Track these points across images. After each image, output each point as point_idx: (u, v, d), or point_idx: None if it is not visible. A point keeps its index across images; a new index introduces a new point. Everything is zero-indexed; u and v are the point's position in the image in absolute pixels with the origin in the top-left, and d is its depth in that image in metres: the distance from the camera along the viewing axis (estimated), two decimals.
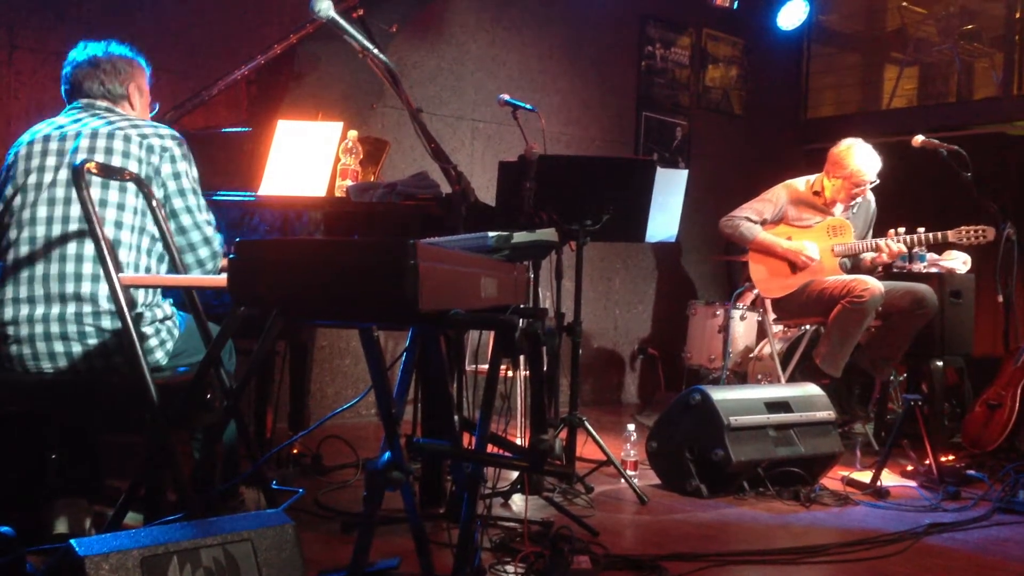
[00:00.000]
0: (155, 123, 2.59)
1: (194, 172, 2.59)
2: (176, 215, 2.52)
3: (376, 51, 2.67)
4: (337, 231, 3.02)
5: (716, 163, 6.82)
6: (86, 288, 2.35)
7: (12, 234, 2.40)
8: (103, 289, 2.34)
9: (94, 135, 2.46)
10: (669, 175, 3.88)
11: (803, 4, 6.73)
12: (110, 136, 2.46)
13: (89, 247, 2.36)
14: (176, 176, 2.52)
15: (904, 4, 7.26)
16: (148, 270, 2.47)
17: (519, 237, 2.04)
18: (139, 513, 2.51)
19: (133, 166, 2.45)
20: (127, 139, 2.47)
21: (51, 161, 2.43)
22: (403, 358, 2.13)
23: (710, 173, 6.57)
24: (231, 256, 1.71)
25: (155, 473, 2.43)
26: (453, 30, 5.61)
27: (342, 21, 2.56)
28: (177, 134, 2.58)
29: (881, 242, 4.65)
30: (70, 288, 2.34)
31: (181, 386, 2.31)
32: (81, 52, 2.65)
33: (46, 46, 4.13)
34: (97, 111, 2.57)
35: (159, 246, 2.49)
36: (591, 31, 6.26)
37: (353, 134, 3.24)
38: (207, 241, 2.56)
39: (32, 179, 2.41)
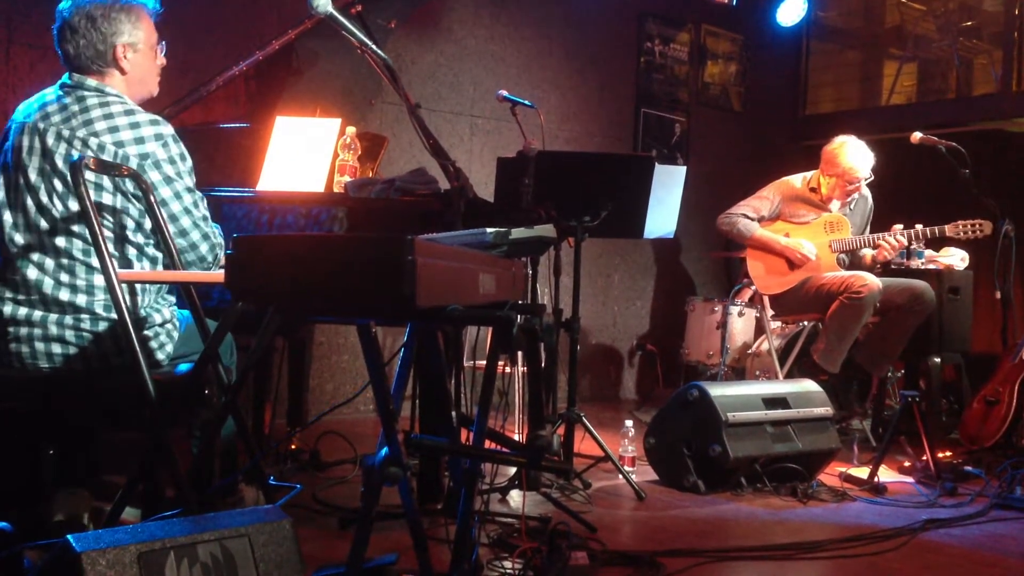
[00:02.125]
0: (136, 119, 2.37)
1: (186, 165, 2.45)
2: (175, 219, 2.42)
3: (374, 47, 2.67)
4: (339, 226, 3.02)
5: (715, 159, 6.82)
6: (81, 300, 2.33)
7: (5, 234, 2.38)
8: (99, 298, 2.33)
9: (70, 140, 2.32)
10: (668, 171, 3.88)
11: (802, 1, 6.72)
12: (84, 144, 2.32)
13: (78, 254, 2.32)
14: (167, 181, 2.39)
15: (903, 0, 7.26)
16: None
17: (517, 233, 2.04)
18: (137, 508, 2.51)
19: (107, 184, 2.32)
20: (101, 149, 2.32)
21: (35, 161, 2.35)
22: (401, 354, 2.13)
23: (709, 169, 6.58)
24: (228, 252, 1.71)
25: (153, 469, 2.43)
26: (452, 26, 5.60)
27: (340, 17, 2.56)
28: (161, 128, 2.40)
29: (879, 238, 4.65)
30: (64, 296, 2.32)
31: (179, 382, 2.30)
32: (64, 2, 2.36)
33: (43, 41, 4.11)
34: (84, 94, 2.38)
35: (147, 248, 2.43)
36: (590, 27, 6.25)
37: (351, 130, 3.24)
38: (206, 237, 2.53)
39: (20, 178, 2.37)
